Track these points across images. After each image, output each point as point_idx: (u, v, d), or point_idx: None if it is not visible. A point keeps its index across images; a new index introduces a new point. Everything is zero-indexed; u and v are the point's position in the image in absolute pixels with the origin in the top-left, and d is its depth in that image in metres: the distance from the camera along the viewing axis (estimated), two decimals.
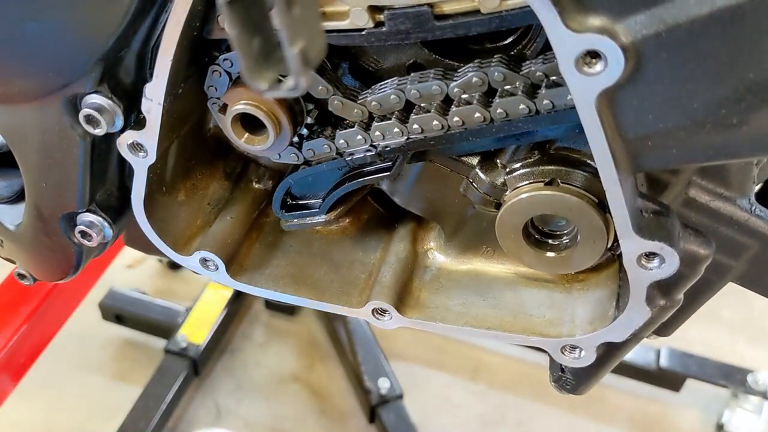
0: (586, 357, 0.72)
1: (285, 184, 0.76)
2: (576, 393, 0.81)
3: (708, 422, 2.01)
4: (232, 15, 0.40)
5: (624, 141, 0.55)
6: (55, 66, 0.62)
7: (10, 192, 0.81)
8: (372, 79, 0.67)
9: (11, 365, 1.33)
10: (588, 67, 0.50)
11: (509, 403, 2.03)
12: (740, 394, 1.99)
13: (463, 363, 2.12)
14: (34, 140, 0.69)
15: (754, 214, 0.70)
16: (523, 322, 0.74)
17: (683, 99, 0.52)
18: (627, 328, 0.68)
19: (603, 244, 0.66)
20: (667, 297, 0.67)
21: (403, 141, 0.66)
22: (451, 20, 0.56)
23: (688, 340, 2.06)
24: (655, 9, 0.48)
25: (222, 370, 2.07)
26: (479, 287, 0.78)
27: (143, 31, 0.61)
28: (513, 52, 0.63)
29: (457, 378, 2.09)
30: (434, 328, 0.75)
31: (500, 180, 0.69)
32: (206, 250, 0.75)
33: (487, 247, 0.78)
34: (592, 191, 0.64)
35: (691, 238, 0.64)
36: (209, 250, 0.75)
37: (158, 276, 2.32)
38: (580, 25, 0.49)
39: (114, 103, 0.63)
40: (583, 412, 2.01)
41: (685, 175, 0.69)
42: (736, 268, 0.74)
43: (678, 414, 2.03)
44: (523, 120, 0.60)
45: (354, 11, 0.56)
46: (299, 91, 0.42)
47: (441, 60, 0.65)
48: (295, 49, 0.40)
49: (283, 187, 0.76)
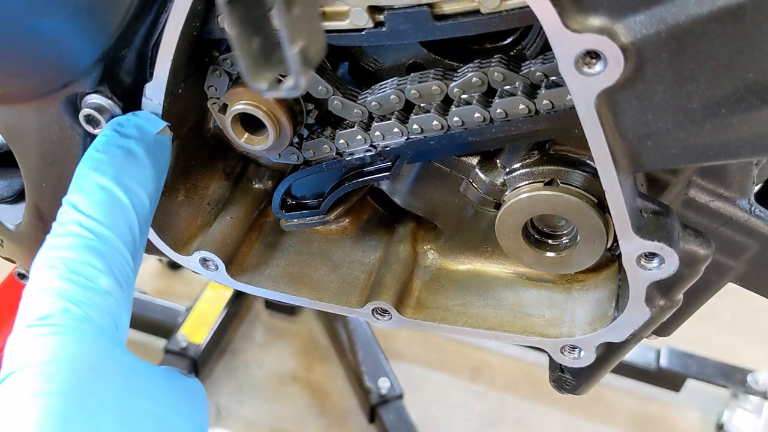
0: (585, 357, 0.72)
1: (285, 184, 0.76)
2: (576, 393, 0.81)
3: (708, 422, 2.01)
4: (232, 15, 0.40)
5: (624, 141, 0.55)
6: (56, 66, 0.62)
7: (10, 192, 0.81)
8: (372, 79, 0.67)
9: None
10: (587, 68, 0.50)
11: (509, 403, 2.03)
12: (740, 394, 1.99)
13: (463, 363, 2.12)
14: (34, 140, 0.69)
15: (754, 214, 0.70)
16: (523, 322, 0.74)
17: (683, 99, 0.52)
18: (627, 328, 0.68)
19: (602, 244, 0.66)
20: (666, 297, 0.67)
21: (402, 141, 0.66)
22: (450, 20, 0.56)
23: (688, 340, 2.06)
24: (655, 9, 0.48)
25: (222, 370, 2.07)
26: (479, 287, 0.78)
27: (143, 30, 0.61)
28: (513, 53, 0.63)
29: (457, 378, 2.09)
30: (434, 328, 0.75)
31: (500, 180, 0.69)
32: (206, 250, 0.75)
33: (487, 247, 0.78)
34: (592, 191, 0.64)
35: (691, 239, 0.64)
36: (209, 250, 0.75)
37: (158, 276, 2.32)
38: (580, 25, 0.49)
39: (114, 103, 0.63)
40: (583, 412, 2.01)
41: (684, 175, 0.69)
42: (735, 268, 0.74)
43: (678, 414, 2.03)
44: (523, 120, 0.61)
45: (354, 11, 0.56)
46: (299, 91, 0.42)
47: (441, 60, 0.65)
48: (295, 49, 0.40)
49: (282, 187, 0.76)
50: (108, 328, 0.57)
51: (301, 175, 0.74)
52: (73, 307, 0.55)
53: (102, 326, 0.56)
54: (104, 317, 0.57)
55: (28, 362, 0.52)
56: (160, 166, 0.65)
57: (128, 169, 0.62)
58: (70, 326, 0.54)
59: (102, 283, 0.57)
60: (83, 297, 0.56)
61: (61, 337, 0.54)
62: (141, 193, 0.62)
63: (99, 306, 0.57)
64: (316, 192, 0.77)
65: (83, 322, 0.55)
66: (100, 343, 0.55)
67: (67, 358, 0.53)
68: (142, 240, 0.63)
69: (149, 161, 0.63)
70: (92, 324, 0.55)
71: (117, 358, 0.56)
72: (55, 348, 0.53)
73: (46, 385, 0.51)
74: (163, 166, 0.65)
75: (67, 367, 0.52)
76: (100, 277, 0.58)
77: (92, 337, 0.55)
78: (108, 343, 0.56)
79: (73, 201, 0.60)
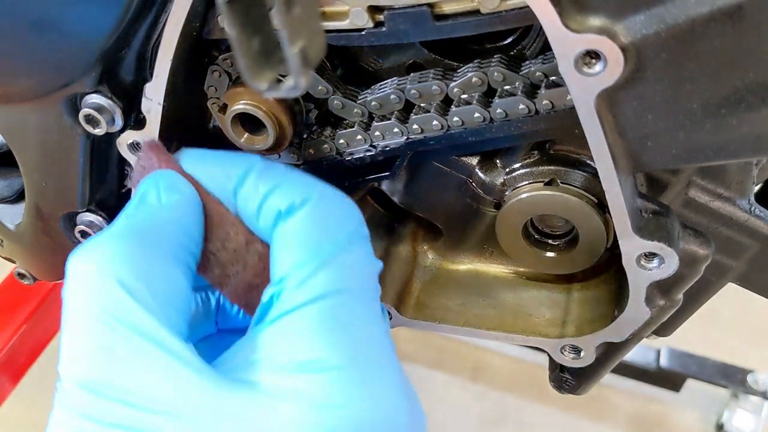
0: (585, 357, 0.72)
1: None
2: (576, 393, 0.81)
3: (708, 422, 2.01)
4: (232, 15, 0.40)
5: (624, 141, 0.55)
6: (56, 66, 0.62)
7: (10, 192, 0.81)
8: (372, 79, 0.67)
9: (11, 365, 1.32)
10: (587, 68, 0.50)
11: (509, 403, 2.03)
12: (740, 394, 1.99)
13: (463, 363, 2.12)
14: (34, 140, 0.69)
15: (754, 214, 0.70)
16: (523, 322, 0.74)
17: (683, 99, 0.52)
18: (627, 328, 0.68)
19: (602, 244, 0.66)
20: (666, 297, 0.67)
21: (402, 141, 0.66)
22: (450, 20, 0.56)
23: (688, 340, 2.06)
24: (655, 9, 0.48)
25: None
26: (479, 287, 0.78)
27: (143, 30, 0.61)
28: (513, 52, 0.63)
29: (457, 378, 2.09)
30: (434, 328, 0.75)
31: (500, 180, 0.69)
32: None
33: (487, 247, 0.78)
34: (592, 191, 0.64)
35: (691, 239, 0.64)
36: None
37: None
38: (580, 25, 0.49)
39: (114, 103, 0.63)
40: (583, 412, 2.01)
41: (684, 175, 0.69)
42: (735, 268, 0.74)
43: (678, 414, 2.03)
44: (523, 120, 0.61)
45: (354, 11, 0.56)
46: (299, 91, 0.42)
47: (441, 60, 0.65)
48: (294, 49, 0.40)
49: None
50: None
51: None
52: None
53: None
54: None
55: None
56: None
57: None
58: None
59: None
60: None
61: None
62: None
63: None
64: None
65: None
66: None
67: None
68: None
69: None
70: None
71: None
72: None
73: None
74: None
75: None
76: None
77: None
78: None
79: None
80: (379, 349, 0.54)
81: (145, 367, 0.49)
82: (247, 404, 0.49)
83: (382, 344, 0.54)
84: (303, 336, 0.51)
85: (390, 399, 0.52)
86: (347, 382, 0.50)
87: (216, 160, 0.61)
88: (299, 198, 0.56)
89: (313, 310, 0.52)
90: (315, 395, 0.49)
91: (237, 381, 0.50)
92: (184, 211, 0.58)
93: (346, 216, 0.58)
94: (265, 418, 0.48)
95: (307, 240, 0.55)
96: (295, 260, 0.54)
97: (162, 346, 0.50)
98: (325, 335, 0.51)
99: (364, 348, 0.52)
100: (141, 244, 0.54)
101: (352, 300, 0.54)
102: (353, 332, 0.52)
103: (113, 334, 0.50)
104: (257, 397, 0.49)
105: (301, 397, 0.49)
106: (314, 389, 0.49)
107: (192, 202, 0.58)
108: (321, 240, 0.55)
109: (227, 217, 0.59)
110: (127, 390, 0.49)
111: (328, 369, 0.50)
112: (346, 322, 0.52)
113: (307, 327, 0.51)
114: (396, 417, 0.52)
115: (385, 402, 0.51)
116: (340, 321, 0.52)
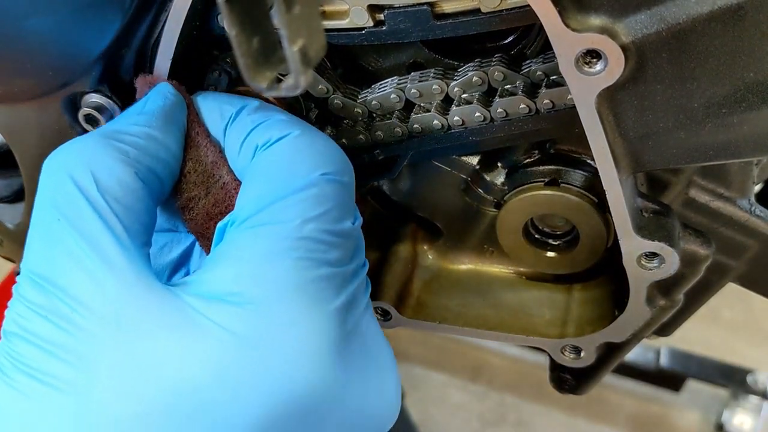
0: (586, 357, 0.72)
1: None
2: (576, 393, 0.81)
3: (708, 422, 2.01)
4: (232, 14, 0.40)
5: (624, 141, 0.55)
6: (55, 65, 0.61)
7: (9, 191, 0.81)
8: (372, 78, 0.67)
9: None
10: (588, 67, 0.50)
11: (509, 403, 2.03)
12: (740, 394, 1.99)
13: (463, 363, 2.12)
14: (34, 140, 0.69)
15: (754, 214, 0.70)
16: (523, 322, 0.74)
17: (684, 99, 0.52)
18: (627, 328, 0.68)
19: (603, 244, 0.66)
20: (667, 297, 0.67)
21: (403, 140, 0.66)
22: (450, 19, 0.56)
23: (688, 340, 2.06)
24: (655, 8, 0.48)
25: None
26: (479, 287, 0.78)
27: (143, 30, 0.61)
28: (513, 52, 0.63)
29: (457, 378, 2.09)
30: (434, 328, 0.75)
31: (500, 180, 0.69)
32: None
33: (487, 247, 0.78)
34: (593, 191, 0.64)
35: (691, 238, 0.64)
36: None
37: None
38: (580, 25, 0.49)
39: (114, 102, 0.63)
40: (583, 412, 2.01)
41: (685, 175, 0.68)
42: (736, 268, 0.74)
43: (678, 414, 2.03)
44: (524, 119, 0.61)
45: (354, 10, 0.56)
46: (299, 90, 0.42)
47: (441, 59, 0.65)
48: (294, 48, 0.40)
49: None
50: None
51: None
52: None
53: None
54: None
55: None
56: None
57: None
58: None
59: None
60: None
61: None
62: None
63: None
64: None
65: None
66: None
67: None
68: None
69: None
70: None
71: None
72: None
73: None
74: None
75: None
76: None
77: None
78: None
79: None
80: (316, 295, 0.49)
81: (76, 267, 0.48)
82: (163, 323, 0.47)
83: (320, 290, 0.49)
84: (230, 266, 0.49)
85: (309, 349, 0.48)
86: (259, 320, 0.47)
87: (216, 97, 0.61)
88: (278, 134, 0.55)
89: (248, 241, 0.50)
90: (228, 327, 0.47)
91: (168, 298, 0.48)
92: (163, 119, 0.57)
93: (322, 155, 0.55)
94: (179, 341, 0.46)
95: (274, 174, 0.53)
96: (256, 193, 0.52)
97: (95, 246, 0.48)
98: (250, 267, 0.49)
99: (292, 289, 0.48)
100: (106, 145, 0.53)
101: (295, 237, 0.50)
102: (285, 269, 0.49)
103: (58, 228, 0.49)
104: (177, 320, 0.47)
105: (212, 328, 0.47)
106: (227, 321, 0.47)
107: (172, 114, 0.57)
108: (287, 176, 0.52)
109: (204, 139, 0.58)
110: (58, 285, 0.48)
111: (244, 303, 0.48)
112: (278, 259, 0.49)
113: (235, 258, 0.49)
114: (313, 375, 0.47)
115: (304, 352, 0.47)
116: (274, 256, 0.49)
